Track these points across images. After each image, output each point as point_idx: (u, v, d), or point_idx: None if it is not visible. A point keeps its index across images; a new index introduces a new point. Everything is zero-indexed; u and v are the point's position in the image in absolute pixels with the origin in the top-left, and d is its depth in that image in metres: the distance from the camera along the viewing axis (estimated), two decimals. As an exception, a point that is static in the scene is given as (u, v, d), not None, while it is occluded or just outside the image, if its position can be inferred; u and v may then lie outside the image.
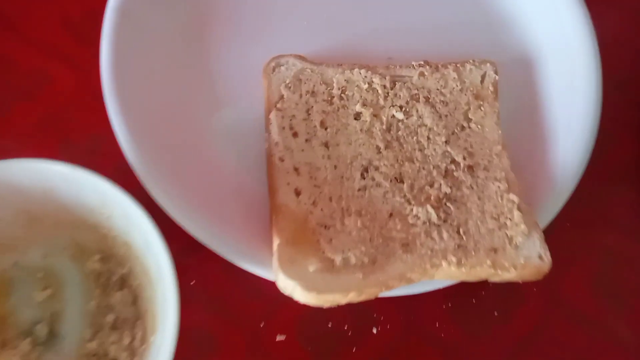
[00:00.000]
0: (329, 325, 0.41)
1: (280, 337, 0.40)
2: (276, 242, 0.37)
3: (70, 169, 0.35)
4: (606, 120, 0.43)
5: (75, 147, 0.44)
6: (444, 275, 0.38)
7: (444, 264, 0.37)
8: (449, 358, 0.41)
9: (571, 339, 0.42)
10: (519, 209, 0.39)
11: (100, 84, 0.41)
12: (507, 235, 0.38)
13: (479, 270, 0.37)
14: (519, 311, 0.42)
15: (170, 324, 0.33)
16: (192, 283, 0.41)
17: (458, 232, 0.38)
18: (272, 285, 0.37)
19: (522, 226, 0.38)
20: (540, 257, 0.37)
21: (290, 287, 0.36)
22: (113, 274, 0.39)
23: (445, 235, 0.38)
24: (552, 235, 0.39)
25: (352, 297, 0.36)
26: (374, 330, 0.41)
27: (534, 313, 0.42)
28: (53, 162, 0.35)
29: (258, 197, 0.41)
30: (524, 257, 0.37)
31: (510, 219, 0.39)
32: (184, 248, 0.40)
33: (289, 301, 0.37)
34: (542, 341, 0.42)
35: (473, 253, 0.38)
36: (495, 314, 0.42)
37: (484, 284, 0.41)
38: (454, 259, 0.37)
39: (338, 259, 0.37)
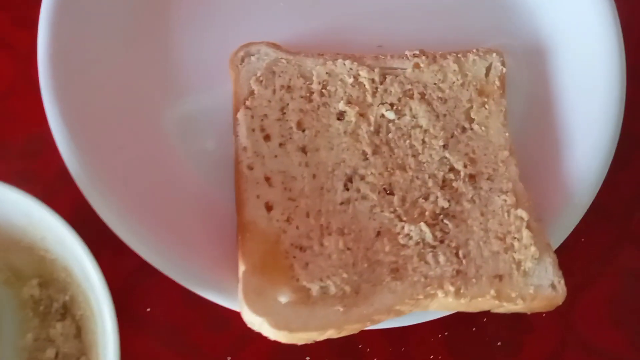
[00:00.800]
0: (307, 360, 0.36)
1: (249, 375, 0.36)
2: (242, 268, 0.32)
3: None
4: (629, 122, 0.39)
5: (11, 149, 0.39)
6: (440, 306, 0.33)
7: (439, 293, 0.32)
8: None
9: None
10: (528, 227, 0.35)
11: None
12: (514, 259, 0.34)
13: (481, 302, 0.33)
14: (526, 341, 0.38)
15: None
16: (148, 310, 0.37)
17: (457, 255, 0.34)
18: (239, 314, 0.32)
19: (532, 248, 0.34)
20: (552, 285, 0.33)
21: (257, 323, 0.31)
22: (54, 302, 0.35)
23: (441, 258, 0.34)
24: (564, 252, 0.36)
25: (330, 334, 0.32)
26: (359, 365, 0.37)
27: (543, 344, 0.39)
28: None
29: (224, 213, 0.36)
30: (534, 286, 0.33)
31: (518, 239, 0.34)
32: (138, 268, 0.35)
33: (259, 334, 0.32)
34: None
35: (474, 281, 0.33)
36: (499, 344, 0.38)
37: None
38: (451, 288, 0.32)
39: (315, 289, 0.32)
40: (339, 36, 0.39)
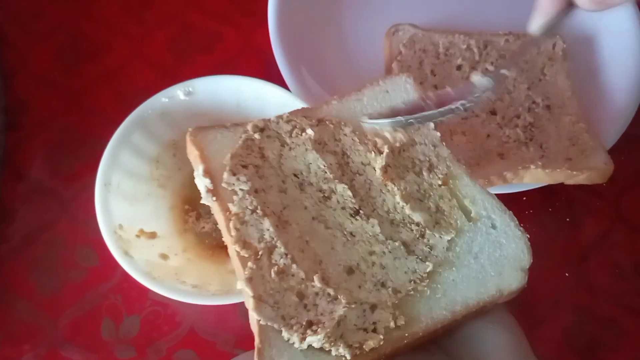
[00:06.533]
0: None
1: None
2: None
3: (262, 83, 0.48)
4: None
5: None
6: (532, 177, 0.49)
7: (532, 167, 0.48)
8: (533, 252, 0.51)
9: (632, 248, 0.52)
10: (587, 132, 0.51)
11: (259, 43, 0.57)
12: (578, 149, 0.50)
13: (559, 172, 0.49)
14: (587, 220, 0.53)
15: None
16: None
17: (541, 147, 0.51)
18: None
19: (590, 143, 0.50)
20: (605, 163, 0.49)
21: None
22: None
23: (531, 149, 0.50)
24: (616, 164, 0.50)
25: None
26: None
27: (599, 222, 0.53)
28: (246, 78, 0.48)
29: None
30: (593, 162, 0.49)
31: (580, 139, 0.51)
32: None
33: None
34: (608, 246, 0.52)
35: (553, 160, 0.49)
36: (567, 220, 0.53)
37: (557, 197, 0.52)
38: (539, 163, 0.49)
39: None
40: (456, 20, 0.59)
